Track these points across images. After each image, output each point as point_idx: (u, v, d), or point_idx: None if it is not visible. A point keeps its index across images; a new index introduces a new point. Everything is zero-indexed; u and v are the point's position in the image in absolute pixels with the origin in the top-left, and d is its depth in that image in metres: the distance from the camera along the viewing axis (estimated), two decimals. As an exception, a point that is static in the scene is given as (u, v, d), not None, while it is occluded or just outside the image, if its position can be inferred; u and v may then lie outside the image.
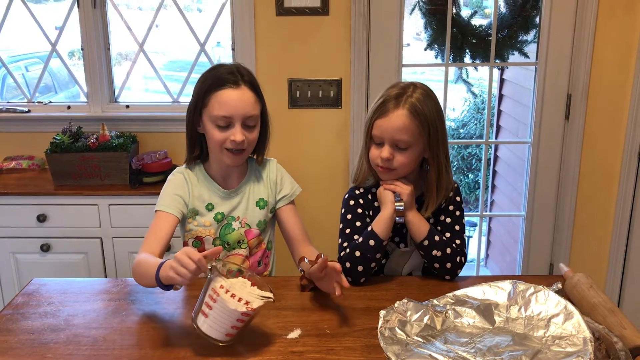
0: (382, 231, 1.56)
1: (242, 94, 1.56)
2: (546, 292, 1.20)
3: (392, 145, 1.55)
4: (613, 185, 2.70)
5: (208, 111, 1.57)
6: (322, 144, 2.71)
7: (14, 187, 2.52)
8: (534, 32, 2.79)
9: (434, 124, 1.55)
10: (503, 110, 3.73)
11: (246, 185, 1.71)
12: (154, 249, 1.52)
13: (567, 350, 1.07)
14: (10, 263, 2.54)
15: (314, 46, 2.61)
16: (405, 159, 1.56)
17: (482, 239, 3.27)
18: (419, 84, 1.60)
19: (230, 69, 1.58)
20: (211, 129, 1.58)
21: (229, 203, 1.68)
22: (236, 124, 1.56)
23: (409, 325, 1.18)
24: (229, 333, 1.23)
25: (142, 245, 1.54)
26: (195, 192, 1.66)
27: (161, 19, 2.79)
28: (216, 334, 1.23)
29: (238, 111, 1.55)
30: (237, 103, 1.55)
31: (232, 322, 1.22)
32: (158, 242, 1.54)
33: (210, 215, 1.67)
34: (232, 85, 1.55)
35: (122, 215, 2.48)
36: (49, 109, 2.85)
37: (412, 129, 1.53)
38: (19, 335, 1.32)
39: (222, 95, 1.55)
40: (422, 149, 1.57)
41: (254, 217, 1.70)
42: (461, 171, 6.13)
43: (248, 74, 1.60)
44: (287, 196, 1.75)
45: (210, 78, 1.58)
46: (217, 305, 1.21)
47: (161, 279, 1.32)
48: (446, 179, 1.60)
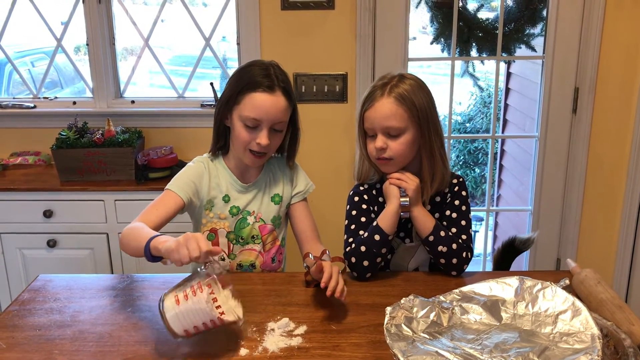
0: (388, 226, 1.55)
1: (275, 100, 1.55)
2: (554, 289, 1.20)
3: (384, 133, 1.55)
4: (621, 179, 2.69)
5: (239, 110, 1.57)
6: (327, 139, 2.70)
7: (20, 183, 2.53)
8: (541, 25, 2.77)
9: (424, 112, 1.54)
10: (510, 104, 3.71)
11: (263, 180, 1.71)
12: (150, 222, 1.49)
13: (574, 347, 1.06)
14: (17, 258, 2.55)
15: (319, 40, 2.60)
16: (398, 146, 1.55)
17: (488, 233, 3.25)
18: (410, 75, 1.60)
19: (267, 71, 1.57)
20: (239, 127, 1.58)
21: (244, 197, 1.68)
22: (264, 128, 1.56)
23: (415, 322, 1.17)
24: (188, 331, 1.20)
25: (140, 216, 1.52)
26: (214, 182, 1.66)
27: (166, 14, 2.79)
28: (177, 326, 1.19)
29: (269, 116, 1.55)
30: (269, 108, 1.55)
31: (198, 323, 1.19)
32: (157, 218, 1.52)
33: (226, 207, 1.66)
34: (267, 89, 1.55)
35: (128, 211, 2.48)
36: (54, 104, 2.85)
37: (401, 114, 1.53)
38: (26, 331, 1.33)
39: (255, 98, 1.54)
40: (416, 135, 1.56)
41: (268, 212, 1.70)
42: (467, 165, 6.11)
43: (283, 78, 1.59)
44: (301, 193, 1.75)
45: (247, 78, 1.57)
46: (194, 299, 1.18)
47: (152, 250, 1.30)
48: (441, 169, 1.59)
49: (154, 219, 1.51)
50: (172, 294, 1.21)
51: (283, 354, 1.23)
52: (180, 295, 1.20)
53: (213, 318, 1.19)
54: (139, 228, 1.43)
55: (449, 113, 2.92)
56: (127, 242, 1.45)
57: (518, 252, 1.93)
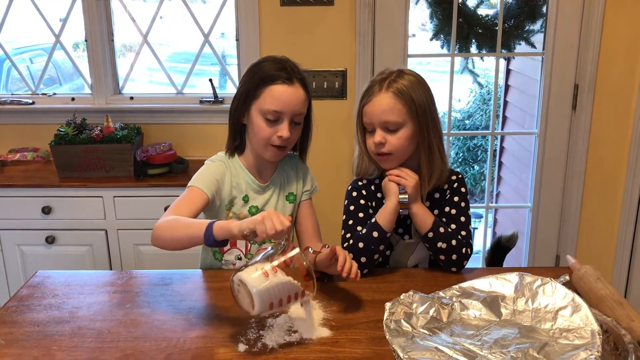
0: (386, 223, 1.55)
1: (295, 90, 1.55)
2: (553, 285, 1.19)
3: (383, 128, 1.55)
4: (620, 176, 2.68)
5: (258, 104, 1.55)
6: (326, 135, 2.69)
7: (18, 179, 2.52)
8: (541, 21, 2.76)
9: (423, 107, 1.54)
10: (509, 101, 3.70)
11: (277, 180, 1.70)
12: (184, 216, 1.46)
13: (574, 343, 1.06)
14: (15, 255, 2.54)
15: (318, 37, 2.60)
16: (397, 141, 1.55)
17: (487, 230, 3.25)
18: (409, 70, 1.60)
19: (282, 64, 1.56)
20: (259, 122, 1.56)
21: (262, 197, 1.67)
22: (285, 120, 1.55)
23: (414, 318, 1.17)
24: (273, 304, 1.20)
25: (170, 211, 1.48)
26: (234, 181, 1.64)
27: (165, 10, 2.78)
28: (264, 299, 1.19)
29: (289, 107, 1.54)
30: (290, 100, 1.54)
31: (284, 296, 1.21)
32: (189, 212, 1.48)
33: (245, 207, 1.65)
34: (286, 81, 1.54)
35: (127, 207, 2.48)
36: (53, 100, 2.85)
37: (399, 109, 1.53)
38: (24, 327, 1.32)
39: (275, 90, 1.54)
40: (414, 130, 1.56)
41: (285, 211, 1.70)
42: (467, 162, 6.11)
43: (299, 70, 1.59)
44: (308, 191, 1.75)
45: (263, 72, 1.56)
46: (282, 273, 1.21)
47: (217, 231, 1.30)
48: (439, 165, 1.59)
49: (186, 214, 1.48)
50: (253, 269, 1.21)
51: (282, 350, 1.23)
52: (268, 268, 1.21)
53: (297, 291, 1.22)
54: (183, 219, 1.42)
55: (449, 110, 2.92)
56: (170, 233, 1.41)
57: (506, 250, 1.96)
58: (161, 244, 1.44)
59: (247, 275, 1.19)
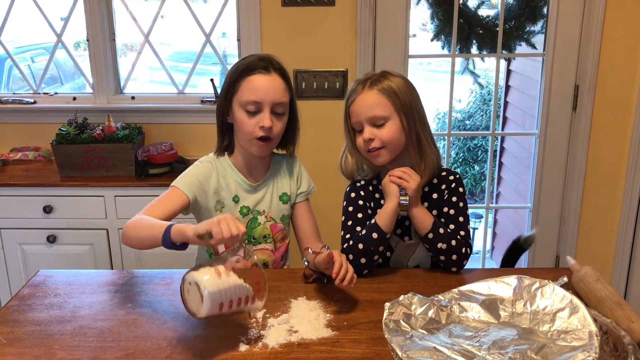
0: (385, 224, 1.55)
1: (272, 79, 1.57)
2: (552, 287, 1.20)
3: (371, 124, 1.56)
4: (620, 177, 2.69)
5: (238, 97, 1.57)
6: (327, 135, 2.69)
7: (20, 179, 2.53)
8: (542, 22, 2.76)
9: (407, 101, 1.56)
10: (509, 102, 3.71)
11: (270, 179, 1.71)
12: (155, 216, 1.47)
13: (572, 345, 1.06)
14: (17, 254, 2.55)
15: (319, 37, 2.60)
16: (386, 134, 1.55)
17: (487, 230, 3.26)
18: (393, 71, 1.61)
19: (261, 56, 1.59)
20: (241, 116, 1.57)
21: (254, 197, 1.68)
22: (265, 109, 1.56)
23: (413, 318, 1.18)
24: (223, 305, 1.20)
25: (144, 210, 1.50)
26: (222, 182, 1.65)
27: (166, 10, 2.79)
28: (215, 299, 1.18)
29: (268, 97, 1.55)
30: (268, 88, 1.55)
31: (235, 298, 1.20)
32: (162, 213, 1.50)
33: (236, 208, 1.66)
34: (263, 70, 1.56)
35: (128, 207, 2.49)
36: (54, 100, 2.85)
37: (384, 102, 1.54)
38: (26, 326, 1.33)
39: (252, 81, 1.56)
40: (401, 123, 1.56)
41: (278, 211, 1.70)
42: (467, 163, 6.10)
43: (278, 63, 1.60)
44: (304, 193, 1.75)
45: (241, 65, 1.58)
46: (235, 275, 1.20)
47: (174, 234, 1.30)
48: (431, 157, 1.60)
49: (158, 214, 1.49)
50: (206, 270, 1.20)
51: (283, 350, 1.24)
52: (221, 268, 1.20)
53: (249, 294, 1.21)
54: (148, 219, 1.43)
55: (449, 110, 2.92)
56: (134, 233, 1.44)
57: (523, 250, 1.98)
58: (128, 242, 1.47)
59: (200, 276, 1.20)
